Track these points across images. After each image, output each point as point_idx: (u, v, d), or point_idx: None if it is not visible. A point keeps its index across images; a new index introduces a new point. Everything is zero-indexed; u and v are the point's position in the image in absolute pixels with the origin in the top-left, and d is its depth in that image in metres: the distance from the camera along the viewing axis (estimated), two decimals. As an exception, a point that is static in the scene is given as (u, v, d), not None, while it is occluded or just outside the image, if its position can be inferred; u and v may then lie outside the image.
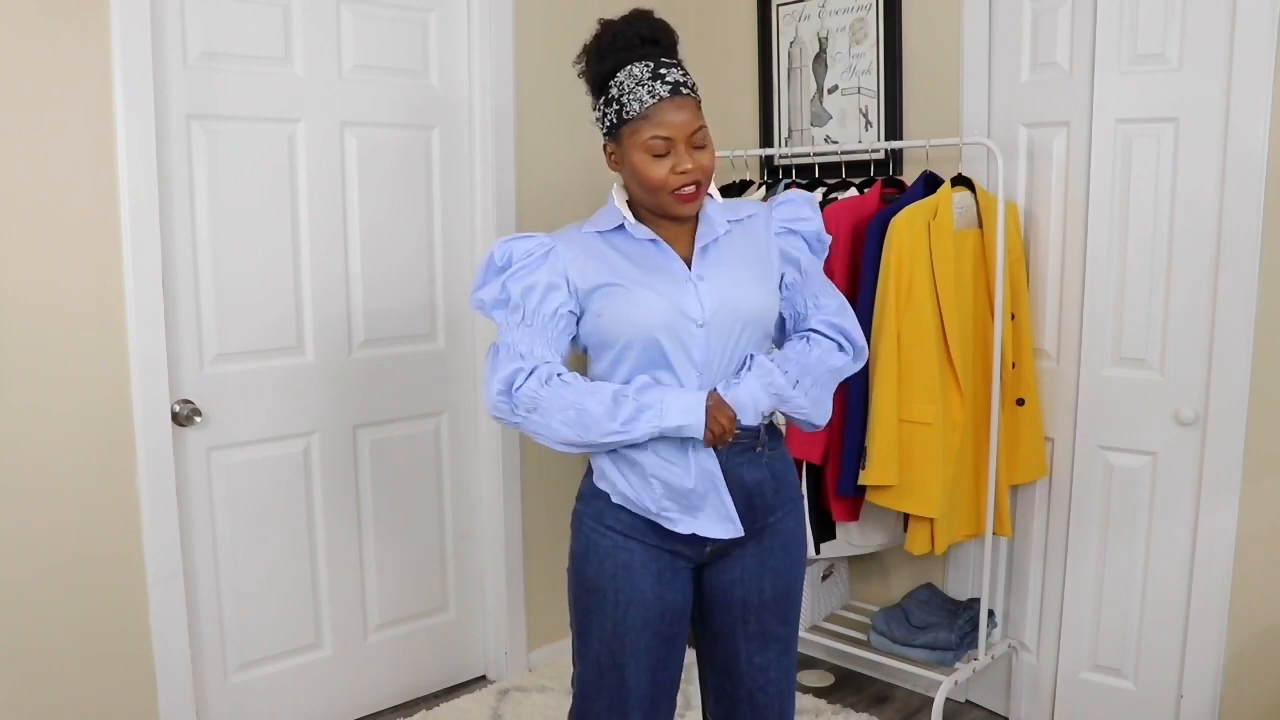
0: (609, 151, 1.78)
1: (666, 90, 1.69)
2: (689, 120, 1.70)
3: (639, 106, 1.68)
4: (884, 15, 2.99)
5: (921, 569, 3.07)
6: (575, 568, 1.85)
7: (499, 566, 3.13)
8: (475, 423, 3.10)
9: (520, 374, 1.71)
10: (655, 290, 1.73)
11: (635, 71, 1.70)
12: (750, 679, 1.90)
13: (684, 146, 1.70)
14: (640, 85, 1.69)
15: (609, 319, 1.73)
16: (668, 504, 1.76)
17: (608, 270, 1.74)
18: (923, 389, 2.54)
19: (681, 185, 1.70)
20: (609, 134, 1.76)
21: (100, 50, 2.30)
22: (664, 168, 1.69)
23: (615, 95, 1.71)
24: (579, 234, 1.79)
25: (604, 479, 1.81)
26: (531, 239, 1.76)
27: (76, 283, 2.32)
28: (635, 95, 1.69)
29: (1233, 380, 2.42)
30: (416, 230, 2.93)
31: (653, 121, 1.68)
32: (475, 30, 2.94)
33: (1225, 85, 2.37)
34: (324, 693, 2.86)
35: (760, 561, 1.85)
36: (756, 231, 1.85)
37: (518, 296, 1.73)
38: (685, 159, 1.69)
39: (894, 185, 2.87)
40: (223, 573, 2.65)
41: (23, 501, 2.29)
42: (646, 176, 1.71)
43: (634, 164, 1.72)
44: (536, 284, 1.73)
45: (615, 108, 1.71)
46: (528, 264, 1.73)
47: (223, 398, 2.60)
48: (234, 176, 2.58)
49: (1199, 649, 2.53)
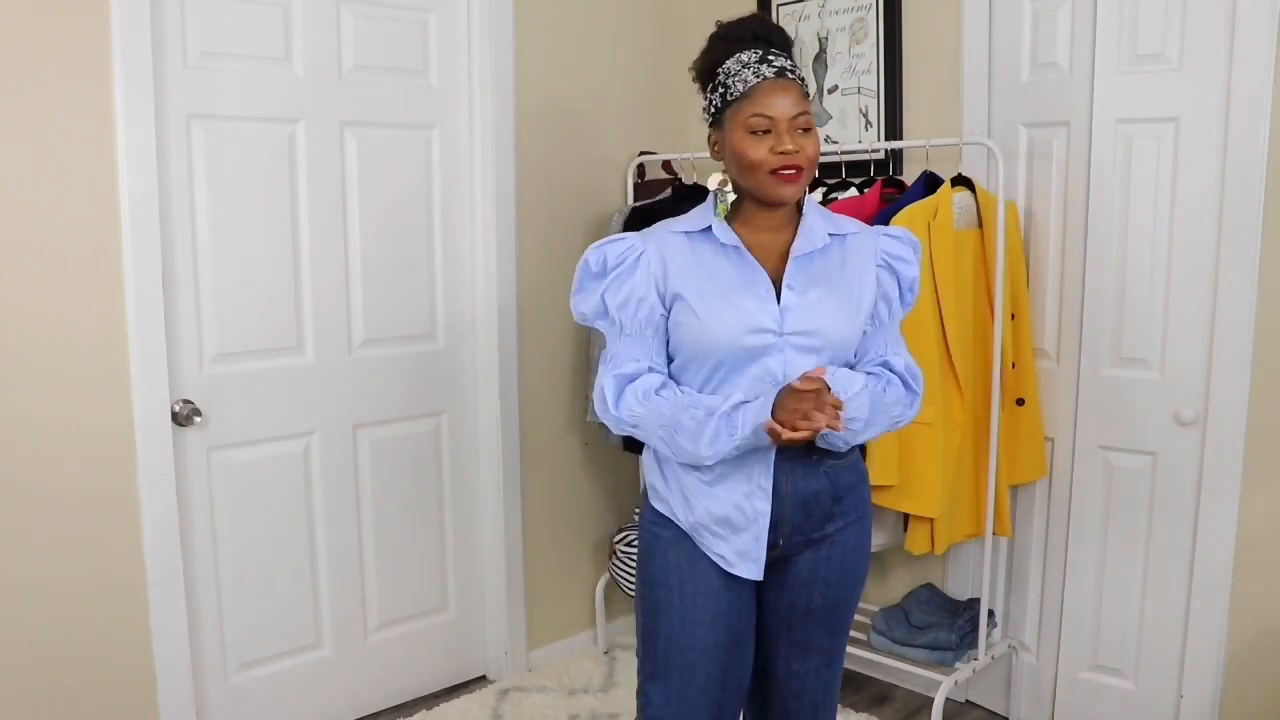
0: (712, 141, 1.77)
1: (772, 72, 1.69)
2: (793, 103, 1.68)
3: (742, 86, 1.68)
4: (884, 15, 2.99)
5: (921, 569, 3.07)
6: (641, 568, 1.86)
7: (499, 566, 3.13)
8: (475, 423, 3.10)
9: (624, 387, 1.74)
10: (730, 304, 1.70)
11: (743, 57, 1.71)
12: (786, 685, 1.89)
13: (785, 128, 1.67)
14: (746, 68, 1.69)
15: (685, 331, 1.72)
16: (705, 525, 1.77)
17: (688, 279, 1.72)
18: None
19: (781, 165, 1.67)
20: (714, 121, 1.75)
21: (100, 50, 2.30)
22: (763, 147, 1.67)
23: (721, 80, 1.72)
24: (668, 235, 1.77)
25: (655, 494, 1.84)
26: (623, 241, 1.75)
27: (76, 283, 2.32)
28: (740, 77, 1.69)
29: (1233, 380, 2.42)
30: (416, 230, 2.93)
31: (754, 101, 1.67)
32: (475, 30, 2.94)
33: (1225, 85, 2.37)
34: (324, 693, 2.86)
35: (814, 570, 1.83)
36: (858, 255, 1.79)
37: (614, 310, 1.74)
38: (786, 140, 1.67)
39: (894, 185, 2.87)
40: (223, 573, 2.65)
41: (23, 501, 2.29)
42: (745, 155, 1.68)
43: (734, 144, 1.70)
44: (631, 296, 1.73)
45: (720, 92, 1.72)
46: (620, 272, 1.73)
47: (223, 398, 2.60)
48: (234, 176, 2.58)
49: (1199, 649, 2.53)
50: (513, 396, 3.08)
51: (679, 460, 1.74)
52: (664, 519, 1.82)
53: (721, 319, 1.69)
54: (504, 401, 3.06)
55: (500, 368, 3.05)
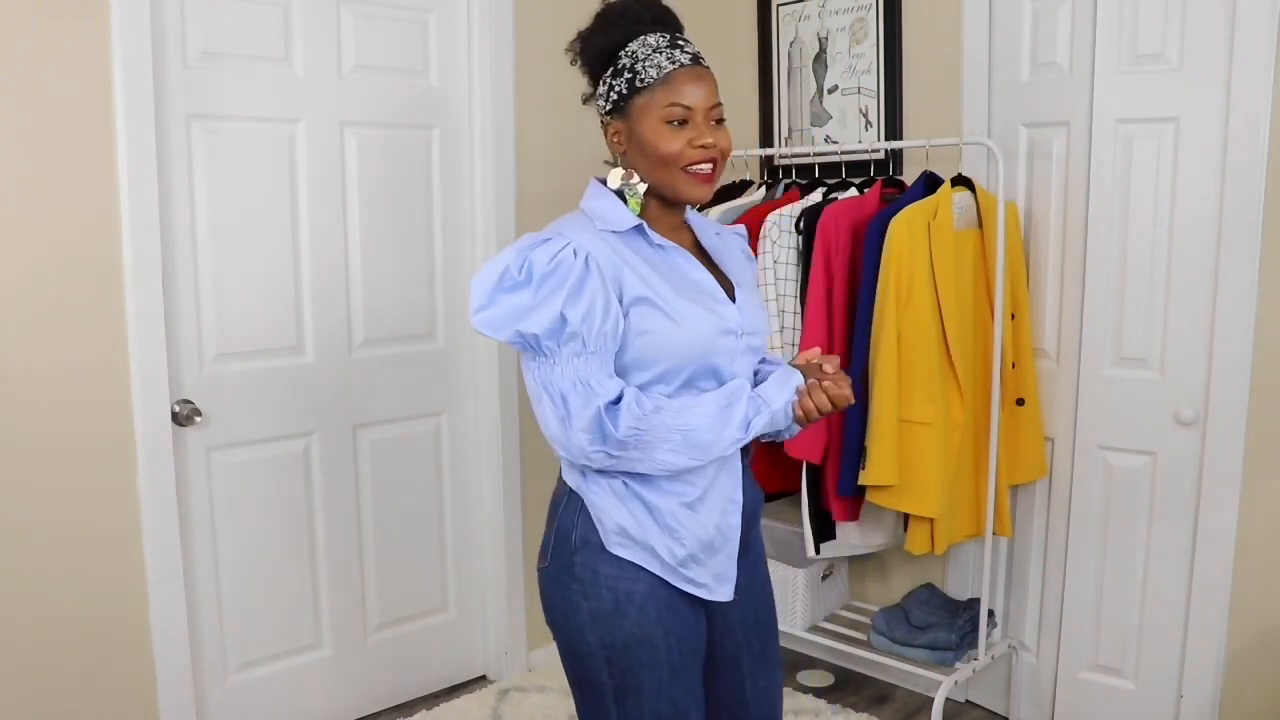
0: (612, 132, 1.60)
1: (687, 59, 1.56)
2: (709, 94, 1.55)
3: (656, 73, 1.53)
4: (884, 15, 2.99)
5: (921, 569, 3.07)
6: (604, 629, 1.57)
7: (499, 566, 3.13)
8: (475, 423, 3.10)
9: (606, 414, 1.47)
10: (699, 305, 1.56)
11: (651, 40, 1.56)
12: (757, 706, 1.77)
13: (703, 119, 1.54)
14: (658, 52, 1.55)
15: (655, 339, 1.52)
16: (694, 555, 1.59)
17: (641, 282, 1.53)
18: (923, 389, 2.54)
19: (699, 161, 1.54)
20: (614, 110, 1.58)
21: (100, 50, 2.30)
22: (680, 139, 1.53)
23: (627, 64, 1.56)
24: (599, 234, 1.54)
25: (599, 521, 1.58)
26: (551, 242, 1.50)
27: (76, 283, 2.32)
28: (653, 61, 1.54)
29: (1233, 380, 2.42)
30: (416, 230, 2.93)
31: (671, 89, 1.53)
32: (475, 30, 2.94)
33: (1225, 85, 2.37)
34: (324, 693, 2.86)
35: (750, 579, 1.74)
36: (735, 252, 1.74)
37: (578, 323, 1.46)
38: (705, 132, 1.54)
39: (894, 185, 2.87)
40: (223, 573, 2.65)
41: (23, 502, 2.29)
42: (659, 149, 1.53)
43: (645, 136, 1.54)
44: (594, 305, 1.47)
45: (626, 77, 1.55)
46: (573, 280, 1.47)
47: (223, 398, 2.60)
48: (234, 176, 2.58)
49: (1199, 649, 2.53)
50: (513, 396, 3.08)
51: (703, 461, 1.54)
52: (634, 569, 1.57)
53: (695, 322, 1.54)
54: (504, 401, 3.06)
55: (500, 368, 3.05)
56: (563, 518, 1.62)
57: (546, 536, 1.66)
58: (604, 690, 1.60)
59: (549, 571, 1.63)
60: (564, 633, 1.62)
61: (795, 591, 2.99)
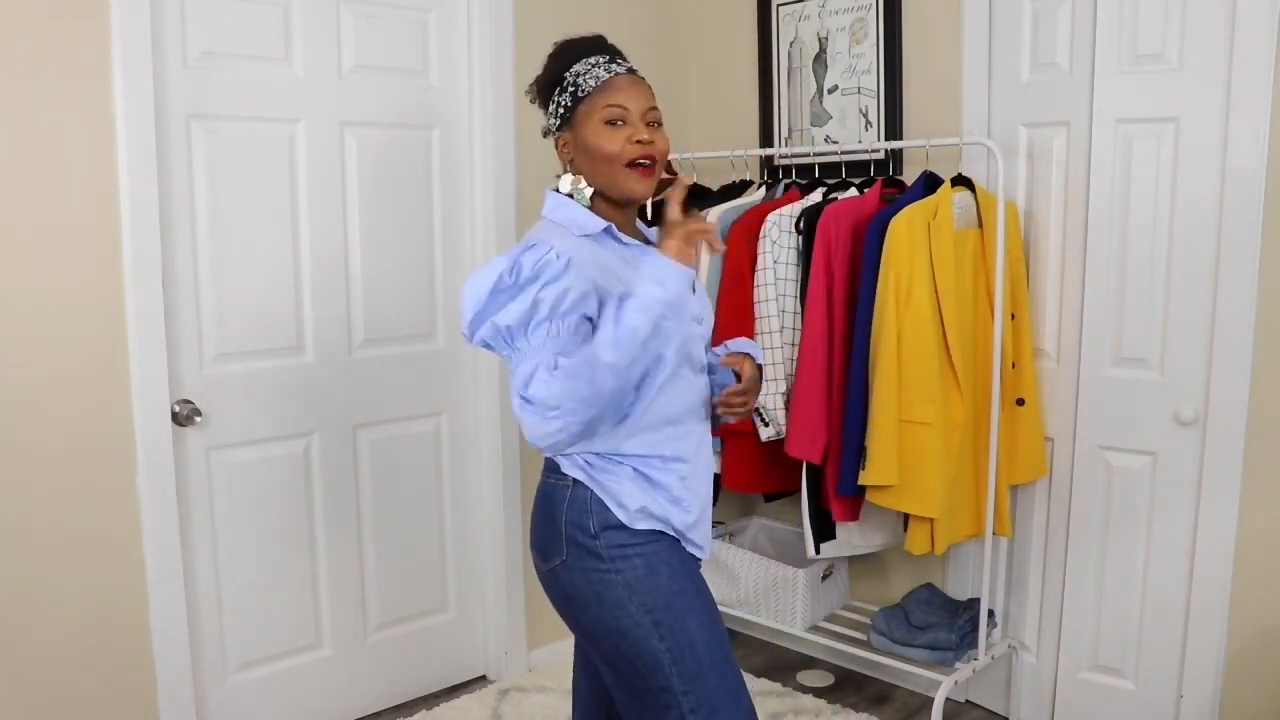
0: (562, 144, 1.74)
1: (623, 69, 1.71)
2: (645, 98, 1.70)
3: (595, 81, 1.68)
4: (884, 15, 2.99)
5: (921, 569, 3.07)
6: (644, 594, 1.63)
7: (499, 566, 3.13)
8: (475, 423, 3.10)
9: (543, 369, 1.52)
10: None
11: (591, 59, 1.71)
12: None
13: (639, 119, 1.68)
14: (597, 66, 1.70)
15: None
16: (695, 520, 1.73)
17: (620, 280, 1.63)
18: (923, 389, 2.54)
19: (638, 156, 1.66)
20: (562, 123, 1.72)
21: (100, 50, 2.31)
22: (619, 138, 1.66)
23: (570, 82, 1.70)
24: (574, 238, 1.65)
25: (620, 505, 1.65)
26: (534, 249, 1.59)
27: (76, 283, 2.32)
28: (592, 74, 1.69)
29: (1233, 380, 2.42)
30: (416, 230, 2.93)
31: (609, 93, 1.68)
32: (475, 30, 2.94)
33: (1225, 85, 2.37)
34: (324, 693, 2.86)
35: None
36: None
37: (549, 307, 1.55)
38: (642, 129, 1.67)
39: (894, 185, 2.87)
40: (223, 573, 2.65)
41: (23, 502, 2.29)
42: (601, 148, 1.67)
43: (588, 139, 1.68)
44: (568, 290, 1.56)
45: (570, 91, 1.70)
46: (550, 275, 1.57)
47: (223, 398, 2.60)
48: (234, 176, 2.58)
49: (1199, 649, 2.53)
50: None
51: (626, 377, 1.53)
52: (654, 534, 1.67)
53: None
54: (504, 401, 3.06)
55: (500, 368, 3.05)
56: (570, 511, 1.67)
57: (547, 536, 1.70)
58: (659, 660, 1.62)
59: (566, 565, 1.67)
60: (602, 616, 1.65)
61: (795, 591, 2.98)
